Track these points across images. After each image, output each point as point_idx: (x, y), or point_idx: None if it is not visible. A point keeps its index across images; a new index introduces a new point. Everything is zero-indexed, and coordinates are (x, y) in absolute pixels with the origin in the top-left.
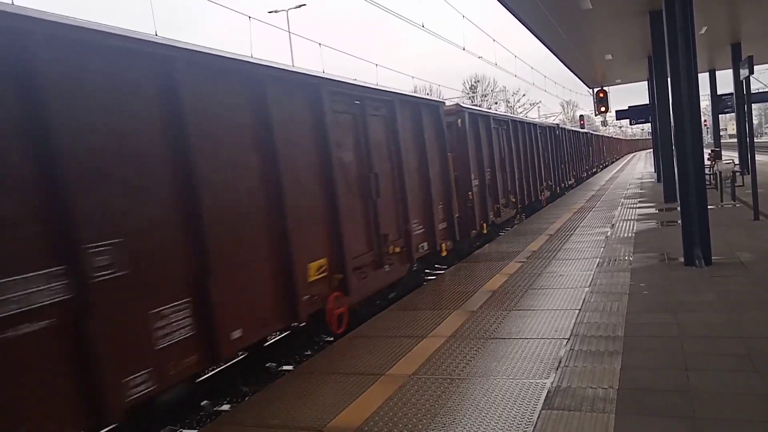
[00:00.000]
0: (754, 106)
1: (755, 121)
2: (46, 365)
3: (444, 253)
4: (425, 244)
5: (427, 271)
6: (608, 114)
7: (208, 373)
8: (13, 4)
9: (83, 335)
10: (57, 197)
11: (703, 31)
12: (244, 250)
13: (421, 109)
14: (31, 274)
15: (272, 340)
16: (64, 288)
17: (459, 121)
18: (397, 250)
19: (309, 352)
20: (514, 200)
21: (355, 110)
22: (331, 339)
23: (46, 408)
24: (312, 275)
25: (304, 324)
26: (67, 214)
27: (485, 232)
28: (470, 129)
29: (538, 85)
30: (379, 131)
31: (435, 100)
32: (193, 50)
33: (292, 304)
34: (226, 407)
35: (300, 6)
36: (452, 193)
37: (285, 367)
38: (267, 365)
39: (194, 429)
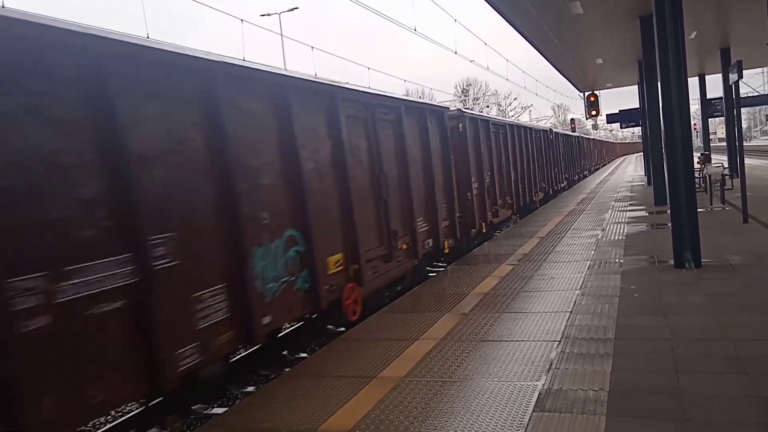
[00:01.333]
0: (743, 110)
1: (744, 125)
2: (119, 337)
3: (446, 251)
4: (430, 241)
5: (428, 268)
6: (599, 117)
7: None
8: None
9: (147, 313)
10: (127, 197)
11: (692, 36)
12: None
13: (426, 114)
14: (105, 259)
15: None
16: (131, 273)
17: (460, 125)
18: (404, 246)
19: (311, 349)
20: (510, 201)
21: (366, 116)
22: (342, 330)
23: (120, 373)
24: (331, 268)
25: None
26: (134, 211)
27: (484, 230)
28: (471, 133)
29: (529, 88)
30: (387, 135)
31: (440, 106)
32: (230, 63)
33: (315, 293)
34: (216, 410)
35: (292, 9)
36: (455, 194)
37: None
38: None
39: None
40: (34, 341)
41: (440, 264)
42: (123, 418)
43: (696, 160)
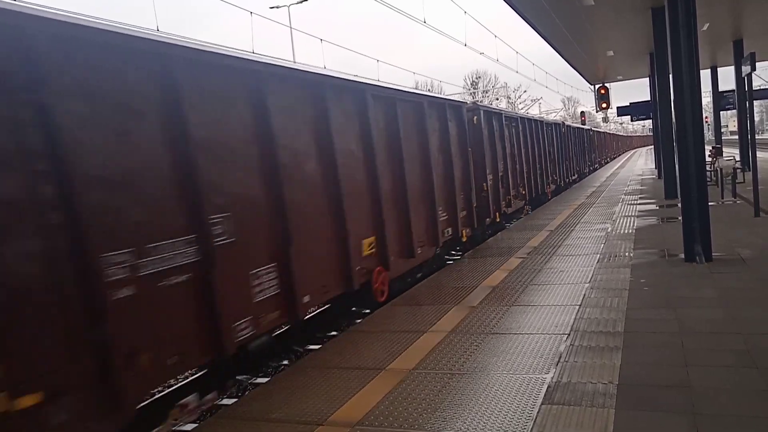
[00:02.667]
0: (755, 103)
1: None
2: (189, 307)
3: (464, 239)
4: (449, 230)
5: (446, 257)
6: (609, 110)
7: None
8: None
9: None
10: (192, 182)
11: (705, 28)
12: (314, 228)
13: (446, 108)
14: (175, 239)
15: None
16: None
17: (475, 118)
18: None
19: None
20: (523, 192)
21: (390, 110)
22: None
23: (192, 336)
24: (365, 250)
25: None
26: (197, 194)
27: (498, 220)
28: (485, 126)
29: (539, 81)
30: (410, 129)
31: (458, 101)
32: (276, 65)
33: (349, 273)
34: (226, 401)
35: (302, 1)
36: (472, 185)
37: (286, 362)
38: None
39: (194, 423)
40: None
41: (456, 253)
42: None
43: (707, 153)
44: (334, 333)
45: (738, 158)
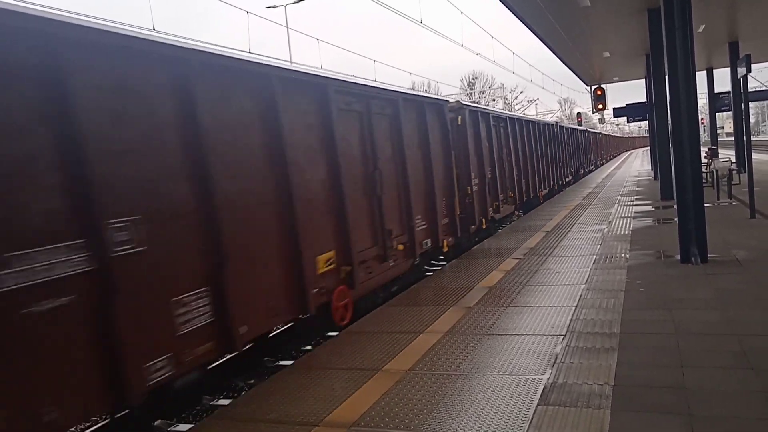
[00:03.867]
0: (751, 104)
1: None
2: (72, 341)
3: (445, 249)
4: (428, 240)
5: (425, 267)
6: (606, 111)
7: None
8: None
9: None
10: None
11: (700, 30)
12: (257, 242)
13: (425, 107)
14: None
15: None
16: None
17: (459, 118)
18: (400, 247)
19: (308, 347)
20: (512, 196)
21: (362, 109)
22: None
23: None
24: (321, 267)
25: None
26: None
27: (484, 227)
28: (471, 126)
29: (536, 82)
30: (383, 129)
31: (439, 99)
32: (284, 68)
33: (303, 296)
34: (222, 402)
35: (298, 1)
36: (455, 190)
37: (282, 362)
38: (265, 359)
39: (190, 423)
40: None
41: (439, 264)
42: None
43: (703, 154)
44: (308, 347)
45: (734, 160)
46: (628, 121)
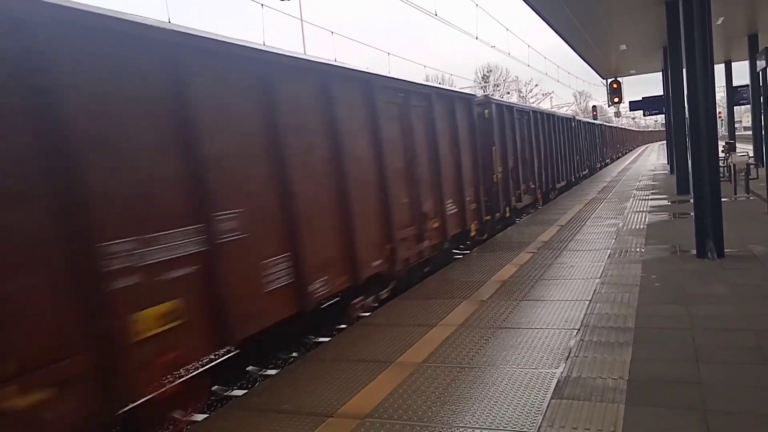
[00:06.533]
0: None
1: None
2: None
3: (473, 233)
4: (458, 224)
5: (454, 251)
6: (621, 105)
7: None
8: None
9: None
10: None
11: (719, 22)
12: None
13: (455, 101)
14: None
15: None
16: None
17: (486, 111)
18: (435, 226)
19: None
20: (533, 186)
21: (402, 102)
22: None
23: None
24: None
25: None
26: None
27: (507, 215)
28: (496, 119)
29: (551, 75)
30: (419, 122)
31: (468, 94)
32: (287, 56)
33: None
34: (236, 392)
35: None
36: (481, 179)
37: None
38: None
39: (204, 413)
40: None
41: (464, 250)
42: None
43: (720, 148)
44: (323, 339)
45: (751, 154)
46: (644, 115)
